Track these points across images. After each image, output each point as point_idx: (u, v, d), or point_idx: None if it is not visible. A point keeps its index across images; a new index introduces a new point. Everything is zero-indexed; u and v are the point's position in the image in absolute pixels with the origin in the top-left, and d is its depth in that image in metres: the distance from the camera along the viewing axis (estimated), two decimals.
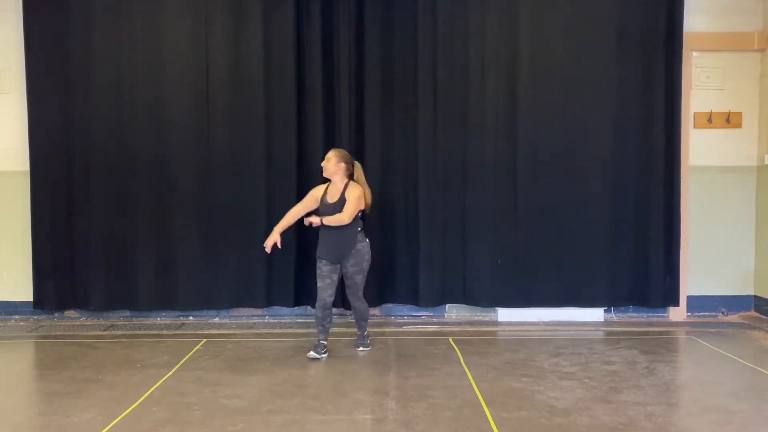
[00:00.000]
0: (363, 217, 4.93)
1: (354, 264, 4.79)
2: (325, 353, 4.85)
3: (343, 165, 4.83)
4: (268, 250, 4.90)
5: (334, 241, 4.78)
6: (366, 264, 4.86)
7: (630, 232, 6.02)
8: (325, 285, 4.78)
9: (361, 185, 4.86)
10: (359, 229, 4.83)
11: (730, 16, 6.13)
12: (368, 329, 5.18)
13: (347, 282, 4.87)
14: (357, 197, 4.76)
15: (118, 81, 5.95)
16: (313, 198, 4.92)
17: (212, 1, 5.93)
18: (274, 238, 4.87)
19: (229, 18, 5.94)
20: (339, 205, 4.75)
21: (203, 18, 5.93)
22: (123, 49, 5.94)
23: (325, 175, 4.88)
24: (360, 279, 4.85)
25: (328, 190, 4.86)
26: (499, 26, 5.94)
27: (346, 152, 4.98)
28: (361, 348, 5.04)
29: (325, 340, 4.89)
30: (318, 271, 4.83)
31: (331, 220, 4.73)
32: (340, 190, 4.81)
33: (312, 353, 4.81)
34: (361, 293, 4.89)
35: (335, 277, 4.82)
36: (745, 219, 6.25)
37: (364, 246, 4.83)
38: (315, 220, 4.75)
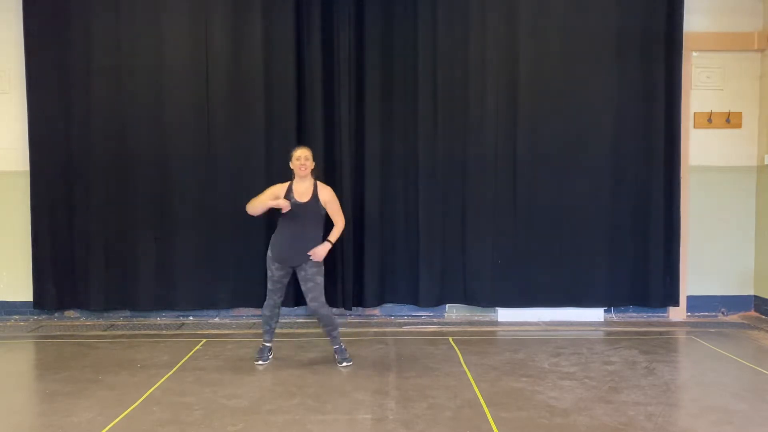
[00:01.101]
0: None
1: (313, 265, 4.53)
2: (270, 356, 4.77)
3: (313, 165, 4.65)
4: (286, 205, 4.51)
5: (297, 243, 4.52)
6: (322, 265, 4.60)
7: (630, 232, 6.02)
8: (275, 289, 4.62)
9: None
10: (321, 233, 4.63)
11: (730, 16, 6.14)
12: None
13: (307, 286, 4.53)
14: (337, 199, 4.67)
15: (118, 81, 5.95)
16: (272, 195, 4.61)
17: (212, 1, 5.93)
18: (283, 201, 4.51)
19: (229, 18, 5.94)
20: (312, 205, 4.55)
21: (203, 18, 5.93)
22: (123, 49, 5.94)
23: (302, 174, 4.58)
24: (321, 280, 4.55)
25: (294, 189, 4.59)
26: (499, 26, 5.94)
27: None
28: (344, 363, 4.63)
29: (270, 342, 4.79)
30: (269, 274, 4.60)
31: (336, 235, 4.59)
32: (311, 189, 4.59)
33: (259, 362, 4.69)
34: (323, 297, 4.56)
35: (285, 281, 4.64)
36: (745, 219, 6.26)
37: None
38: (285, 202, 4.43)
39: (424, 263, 6.02)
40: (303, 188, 4.61)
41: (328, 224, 4.69)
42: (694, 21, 6.07)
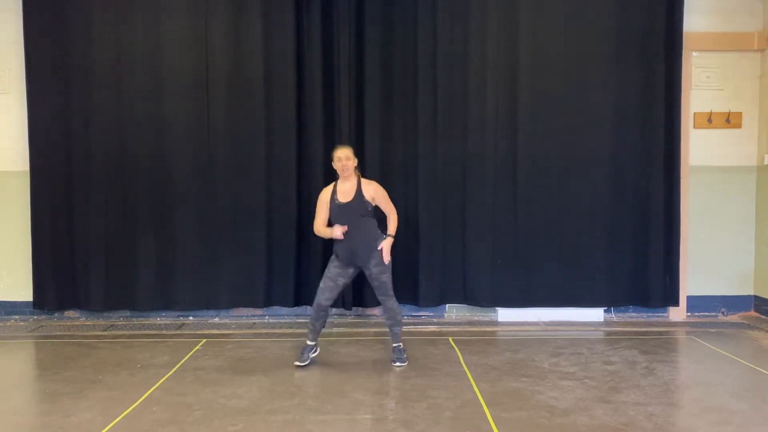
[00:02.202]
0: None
1: (377, 264, 4.52)
2: (314, 352, 4.71)
3: (356, 161, 4.60)
4: (341, 234, 4.49)
5: (356, 242, 4.50)
6: (389, 261, 4.56)
7: (630, 232, 6.02)
8: (326, 287, 4.56)
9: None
10: (377, 226, 4.61)
11: (730, 16, 6.14)
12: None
13: (374, 284, 4.58)
14: (384, 191, 4.61)
15: (118, 81, 5.96)
16: (324, 204, 4.62)
17: (212, 1, 5.93)
18: (337, 229, 4.49)
19: (229, 18, 5.94)
20: (356, 204, 4.49)
21: (203, 18, 5.93)
22: (123, 49, 5.95)
23: (344, 175, 4.56)
24: (386, 278, 4.56)
25: (337, 190, 4.58)
26: (499, 26, 5.94)
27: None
28: (397, 363, 4.62)
29: (314, 341, 4.68)
30: (326, 269, 4.62)
31: (394, 227, 4.57)
32: (354, 188, 4.54)
33: (297, 362, 4.60)
34: (391, 291, 4.60)
35: (341, 282, 4.57)
36: (745, 219, 6.26)
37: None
38: (339, 230, 4.44)
39: (424, 263, 6.02)
40: (346, 188, 4.58)
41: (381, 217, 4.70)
42: (694, 21, 6.07)
